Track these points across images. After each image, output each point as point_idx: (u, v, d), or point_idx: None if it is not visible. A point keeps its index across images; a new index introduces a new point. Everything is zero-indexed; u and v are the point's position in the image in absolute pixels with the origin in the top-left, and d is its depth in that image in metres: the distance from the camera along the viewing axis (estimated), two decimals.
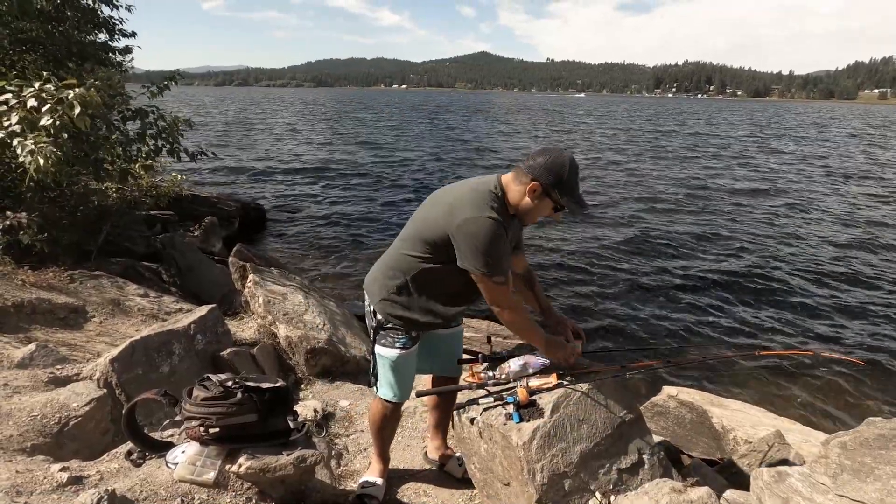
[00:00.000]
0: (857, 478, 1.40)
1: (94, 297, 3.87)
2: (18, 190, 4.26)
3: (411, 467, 2.33)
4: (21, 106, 3.19)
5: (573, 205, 1.66)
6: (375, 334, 1.90)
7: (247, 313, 4.13)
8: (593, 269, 8.10)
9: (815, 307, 6.78)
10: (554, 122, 44.00)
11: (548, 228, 10.21)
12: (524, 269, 2.01)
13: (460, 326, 2.10)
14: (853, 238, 9.90)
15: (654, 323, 6.29)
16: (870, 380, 5.01)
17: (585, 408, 1.78)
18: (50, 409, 2.08)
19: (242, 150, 20.18)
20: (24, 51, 4.76)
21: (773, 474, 1.51)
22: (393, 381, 1.92)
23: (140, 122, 4.80)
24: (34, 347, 2.71)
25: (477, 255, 1.62)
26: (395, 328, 1.86)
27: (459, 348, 2.11)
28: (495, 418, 1.77)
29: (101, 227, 5.04)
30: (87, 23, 5.30)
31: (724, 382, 4.91)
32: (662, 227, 10.50)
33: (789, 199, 13.58)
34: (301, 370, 3.40)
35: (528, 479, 1.63)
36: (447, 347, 2.05)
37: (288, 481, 1.70)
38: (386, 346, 1.88)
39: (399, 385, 1.93)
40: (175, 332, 2.85)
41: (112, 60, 5.85)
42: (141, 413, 2.11)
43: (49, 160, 3.04)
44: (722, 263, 8.43)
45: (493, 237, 1.61)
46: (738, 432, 2.97)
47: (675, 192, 13.98)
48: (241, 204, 9.73)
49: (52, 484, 1.59)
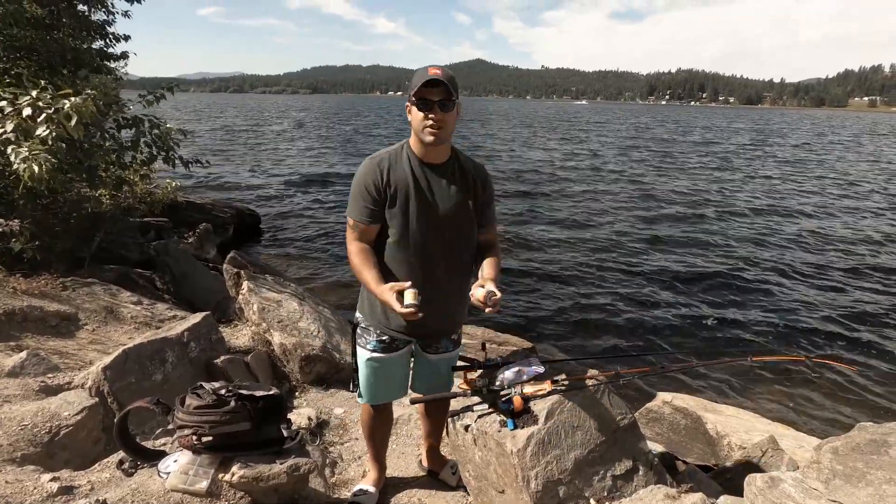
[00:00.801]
0: (850, 483, 1.41)
1: (86, 304, 3.84)
2: (11, 197, 4.24)
3: (406, 475, 2.32)
4: (16, 114, 3.18)
5: (418, 93, 1.55)
6: (353, 332, 1.88)
7: (241, 320, 4.10)
8: (587, 275, 8.13)
9: (808, 312, 6.83)
10: (560, 131, 44.07)
11: (543, 235, 10.25)
12: (485, 242, 1.84)
13: (452, 353, 1.92)
14: (847, 245, 10.00)
15: (648, 329, 6.31)
16: (862, 385, 5.04)
17: (580, 414, 1.78)
18: (41, 418, 2.05)
19: (237, 157, 20.17)
20: (19, 58, 4.75)
21: (767, 480, 1.52)
22: (363, 381, 1.89)
23: (135, 129, 4.79)
24: (25, 356, 2.68)
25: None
26: (365, 328, 1.84)
27: (449, 378, 1.96)
28: (490, 425, 1.77)
29: (94, 233, 5.01)
30: (83, 30, 5.30)
31: (718, 388, 4.93)
32: (658, 235, 10.56)
33: (784, 205, 13.72)
34: (295, 378, 3.38)
35: (522, 486, 1.63)
36: (434, 373, 1.93)
37: (281, 490, 1.69)
38: (360, 346, 1.86)
39: (367, 387, 1.89)
40: (168, 340, 2.83)
41: (107, 67, 5.85)
42: (133, 422, 2.10)
43: (43, 168, 3.03)
44: (715, 269, 8.48)
45: (359, 175, 1.68)
46: (732, 438, 2.98)
47: (673, 200, 14.09)
48: (236, 211, 9.72)
49: (43, 494, 1.57)
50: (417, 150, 1.69)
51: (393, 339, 1.82)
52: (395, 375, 1.90)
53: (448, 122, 1.60)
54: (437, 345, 1.88)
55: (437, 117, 1.57)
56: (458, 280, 1.77)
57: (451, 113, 1.60)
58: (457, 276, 1.77)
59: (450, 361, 1.94)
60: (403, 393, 1.98)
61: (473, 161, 1.80)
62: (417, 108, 1.58)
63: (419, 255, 1.70)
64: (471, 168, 1.77)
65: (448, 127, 1.61)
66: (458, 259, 1.77)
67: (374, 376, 1.87)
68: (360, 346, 1.86)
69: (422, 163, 1.69)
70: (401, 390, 1.96)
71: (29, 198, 4.16)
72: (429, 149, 1.66)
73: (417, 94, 1.56)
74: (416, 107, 1.58)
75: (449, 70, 1.60)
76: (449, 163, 1.73)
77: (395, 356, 1.84)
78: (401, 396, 1.99)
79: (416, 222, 1.67)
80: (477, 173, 1.77)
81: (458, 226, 1.73)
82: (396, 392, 1.96)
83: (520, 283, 7.73)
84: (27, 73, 4.57)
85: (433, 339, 1.87)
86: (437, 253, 1.71)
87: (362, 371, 1.88)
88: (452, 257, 1.75)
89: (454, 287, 1.77)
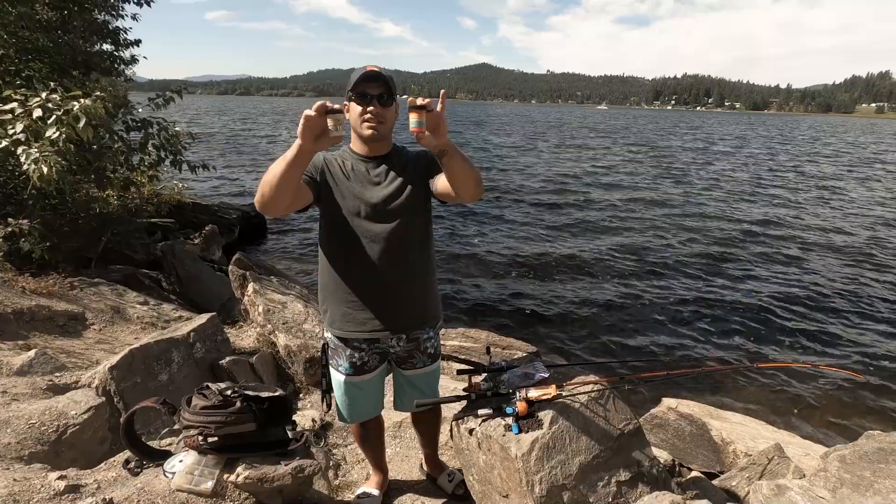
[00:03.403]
0: (857, 491, 1.40)
1: (93, 304, 3.88)
2: (20, 197, 4.28)
3: (409, 478, 2.32)
4: (26, 115, 3.22)
5: (356, 87, 1.55)
6: (323, 353, 1.82)
7: (246, 322, 4.12)
8: (594, 281, 8.11)
9: (814, 320, 6.78)
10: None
11: (551, 240, 10.24)
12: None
13: (428, 367, 1.86)
14: (855, 252, 9.92)
15: (654, 335, 6.29)
16: (869, 393, 5.00)
17: (584, 419, 1.78)
18: (48, 416, 2.07)
19: (243, 158, 20.28)
20: (30, 59, 4.82)
21: (773, 488, 1.51)
22: (340, 403, 1.85)
23: (143, 132, 4.84)
24: (33, 355, 2.70)
25: None
26: (335, 348, 1.78)
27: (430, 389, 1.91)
28: (494, 429, 1.77)
29: (101, 234, 5.05)
30: (93, 33, 5.36)
31: (724, 394, 4.89)
32: (665, 242, 10.53)
33: (789, 213, 13.64)
34: (300, 379, 3.39)
35: (526, 491, 1.63)
36: (415, 391, 1.88)
37: (286, 491, 1.69)
38: (332, 367, 1.81)
39: (344, 408, 1.85)
40: (174, 341, 2.85)
41: (117, 70, 5.91)
42: (139, 421, 2.11)
43: (53, 169, 3.07)
44: (721, 277, 8.45)
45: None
46: (737, 445, 2.96)
47: (685, 209, 13.98)
48: (242, 212, 9.76)
49: (50, 492, 1.58)
50: (357, 148, 1.69)
51: (364, 360, 1.76)
52: (370, 395, 1.86)
53: (387, 117, 1.60)
54: (411, 360, 1.82)
55: (375, 110, 1.56)
56: (408, 268, 1.70)
57: (391, 109, 1.60)
58: (407, 265, 1.69)
59: (428, 377, 1.87)
60: (378, 411, 1.94)
61: (417, 150, 1.75)
62: (356, 102, 1.57)
63: (365, 249, 1.65)
64: (414, 153, 1.75)
65: (387, 122, 1.61)
66: (405, 248, 1.69)
67: (351, 399, 1.83)
68: (333, 367, 1.82)
69: (362, 157, 1.68)
70: (376, 408, 1.92)
71: (38, 198, 4.21)
72: (369, 145, 1.66)
73: (356, 88, 1.55)
74: (354, 102, 1.58)
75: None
76: (390, 155, 1.70)
77: (368, 378, 1.80)
78: (376, 414, 1.95)
79: (358, 215, 1.64)
80: (421, 152, 1.73)
81: (402, 212, 1.66)
82: (374, 409, 1.92)
83: (524, 288, 7.72)
84: (38, 75, 4.63)
85: (404, 333, 1.76)
86: (384, 244, 1.65)
87: (338, 393, 1.84)
88: (400, 246, 1.67)
89: (406, 277, 1.70)
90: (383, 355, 1.81)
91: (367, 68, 1.55)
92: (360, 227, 1.65)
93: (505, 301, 7.17)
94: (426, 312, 1.81)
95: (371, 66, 1.56)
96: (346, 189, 1.65)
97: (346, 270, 1.70)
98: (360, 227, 1.65)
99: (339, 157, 1.70)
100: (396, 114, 1.66)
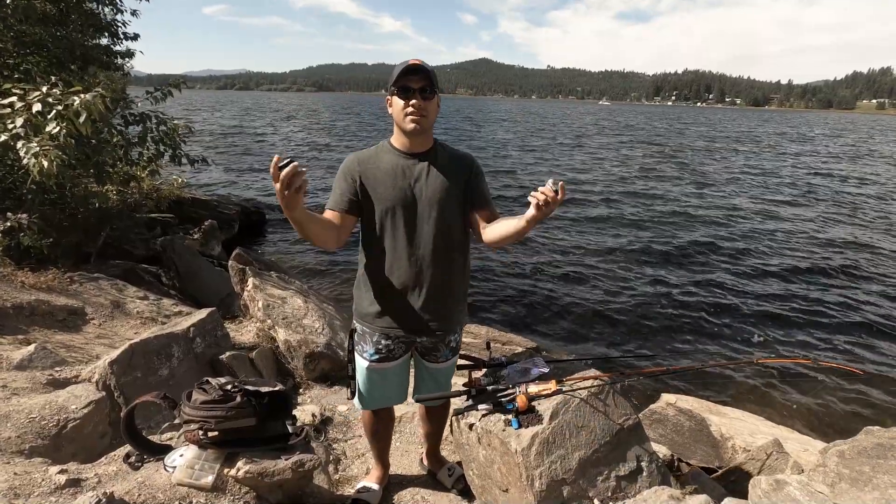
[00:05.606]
0: (856, 487, 1.41)
1: (93, 298, 3.87)
2: (20, 192, 4.27)
3: (410, 473, 2.33)
4: (26, 109, 3.21)
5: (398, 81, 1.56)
6: (350, 339, 1.85)
7: (246, 317, 4.12)
8: (595, 276, 8.11)
9: (814, 315, 6.79)
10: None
11: (557, 237, 10.23)
12: (492, 220, 1.70)
13: (450, 361, 1.89)
14: (856, 248, 9.93)
15: (653, 330, 6.29)
16: (868, 388, 5.01)
17: (584, 415, 1.78)
18: (48, 411, 2.07)
19: (243, 153, 20.23)
20: (28, 53, 4.79)
21: (772, 483, 1.51)
22: (361, 388, 1.86)
23: (142, 126, 4.82)
24: (33, 349, 2.70)
25: None
26: (362, 334, 1.79)
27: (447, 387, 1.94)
28: (494, 424, 1.77)
29: (101, 229, 5.04)
30: (91, 27, 5.34)
31: (723, 390, 4.91)
32: (666, 237, 10.53)
33: (793, 209, 13.63)
34: (300, 374, 3.39)
35: (526, 485, 1.63)
36: (434, 382, 1.91)
37: (286, 486, 1.70)
38: (357, 353, 1.82)
39: (366, 395, 1.86)
40: (174, 336, 2.84)
41: (115, 64, 5.89)
42: (139, 416, 2.11)
43: (53, 163, 3.05)
44: (721, 272, 8.45)
45: (341, 168, 1.68)
46: (736, 440, 2.97)
47: (688, 202, 13.99)
48: (241, 207, 9.76)
49: (51, 486, 1.58)
50: (399, 143, 1.67)
51: (390, 348, 1.76)
52: (393, 383, 1.86)
53: (430, 110, 1.58)
54: (435, 353, 1.83)
55: (418, 104, 1.55)
56: (445, 269, 1.70)
57: (432, 102, 1.59)
58: (444, 265, 1.69)
59: (448, 371, 1.90)
60: (402, 399, 1.94)
61: (458, 150, 1.77)
62: (398, 96, 1.57)
63: (404, 247, 1.65)
64: (456, 154, 1.74)
65: (430, 116, 1.60)
66: (444, 248, 1.68)
67: (372, 385, 1.84)
68: (358, 353, 1.83)
69: (403, 153, 1.67)
70: (399, 396, 1.93)
71: (37, 193, 4.20)
72: (411, 139, 1.64)
73: (398, 83, 1.55)
74: (396, 96, 1.57)
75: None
76: (431, 151, 1.69)
77: (393, 365, 1.80)
78: (400, 402, 1.95)
79: (398, 213, 1.63)
80: (463, 156, 1.74)
81: (443, 212, 1.65)
82: (395, 398, 1.93)
83: (524, 284, 7.72)
84: (37, 69, 4.61)
85: (430, 336, 1.77)
86: (423, 243, 1.66)
87: (360, 379, 1.85)
88: (439, 246, 1.67)
89: (442, 278, 1.70)
90: (409, 345, 1.82)
91: (410, 62, 1.55)
92: (397, 226, 1.65)
93: (505, 297, 7.18)
94: (453, 317, 1.80)
95: (413, 60, 1.56)
96: (384, 188, 1.64)
97: (379, 267, 1.70)
98: (397, 226, 1.65)
99: (374, 157, 1.68)
100: (438, 107, 1.65)
